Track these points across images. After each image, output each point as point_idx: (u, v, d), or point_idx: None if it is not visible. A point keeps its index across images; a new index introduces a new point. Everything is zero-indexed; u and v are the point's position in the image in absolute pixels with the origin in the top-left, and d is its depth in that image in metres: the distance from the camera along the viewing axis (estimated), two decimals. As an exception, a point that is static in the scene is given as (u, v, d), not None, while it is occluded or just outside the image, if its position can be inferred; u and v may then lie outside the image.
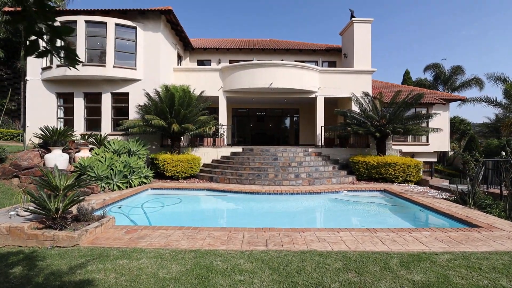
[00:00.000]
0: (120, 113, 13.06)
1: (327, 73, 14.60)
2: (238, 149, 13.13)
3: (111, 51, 12.15)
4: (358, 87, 13.88)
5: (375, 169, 11.04)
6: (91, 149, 10.53)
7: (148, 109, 11.86)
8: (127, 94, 12.82)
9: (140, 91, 12.47)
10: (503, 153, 8.52)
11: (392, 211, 7.90)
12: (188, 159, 11.23)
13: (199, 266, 3.58)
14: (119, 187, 9.16)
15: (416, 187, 10.14)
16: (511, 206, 6.28)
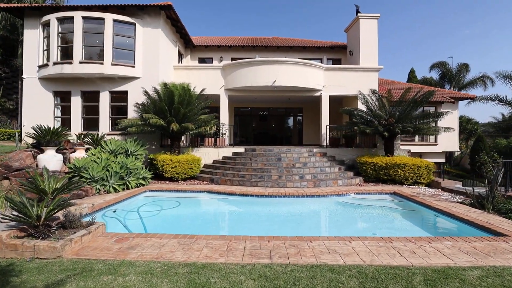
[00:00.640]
0: (118, 112, 12.67)
1: (332, 70, 14.09)
2: (240, 149, 12.67)
3: (109, 48, 11.74)
4: (364, 85, 13.33)
5: (384, 170, 10.53)
6: (87, 149, 10.12)
7: (146, 107, 11.44)
8: (125, 93, 12.41)
9: (139, 89, 12.03)
10: None
11: (405, 216, 7.39)
12: (188, 159, 10.79)
13: (193, 284, 3.13)
14: (115, 189, 8.74)
15: (427, 190, 9.61)
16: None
